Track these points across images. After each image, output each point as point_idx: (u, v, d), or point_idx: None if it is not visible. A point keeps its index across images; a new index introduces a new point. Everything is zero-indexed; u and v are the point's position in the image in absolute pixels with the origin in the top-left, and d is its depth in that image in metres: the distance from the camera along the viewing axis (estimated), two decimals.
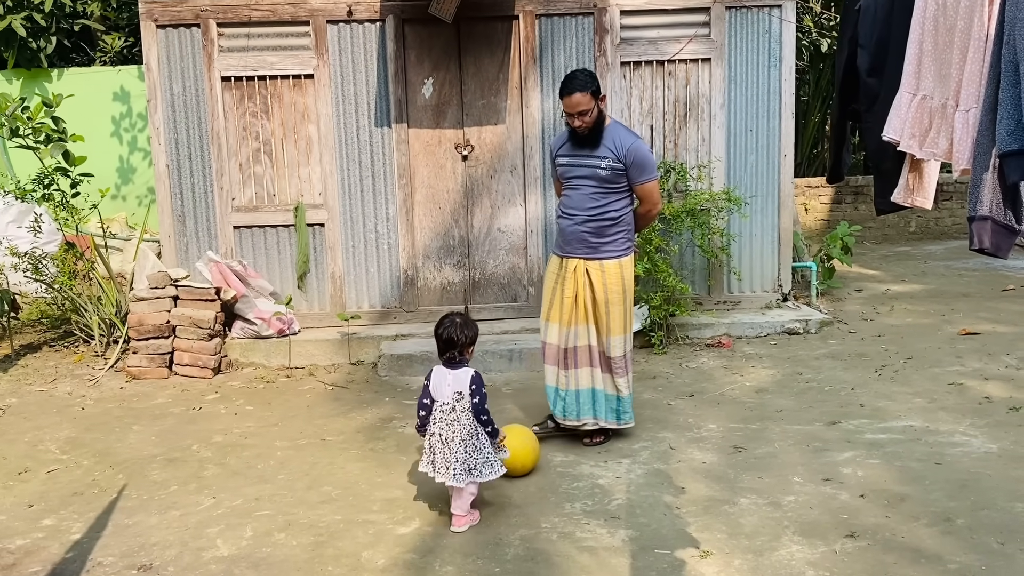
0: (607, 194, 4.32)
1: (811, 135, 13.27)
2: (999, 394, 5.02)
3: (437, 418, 3.61)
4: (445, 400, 3.60)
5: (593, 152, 4.31)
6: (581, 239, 4.35)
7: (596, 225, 4.33)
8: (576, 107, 4.20)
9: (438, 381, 3.66)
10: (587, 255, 4.36)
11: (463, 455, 3.53)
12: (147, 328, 6.02)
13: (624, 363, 4.42)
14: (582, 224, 4.33)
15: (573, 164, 4.38)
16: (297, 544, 3.48)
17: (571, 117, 4.26)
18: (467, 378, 3.60)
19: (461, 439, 3.54)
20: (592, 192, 4.32)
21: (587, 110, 4.21)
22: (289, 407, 5.34)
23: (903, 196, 2.92)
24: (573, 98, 4.20)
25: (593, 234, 4.33)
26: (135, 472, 4.31)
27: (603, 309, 4.36)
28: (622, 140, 4.29)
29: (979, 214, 2.28)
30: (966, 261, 9.86)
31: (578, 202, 4.35)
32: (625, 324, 4.40)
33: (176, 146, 6.60)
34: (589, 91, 4.20)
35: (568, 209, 4.40)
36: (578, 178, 4.36)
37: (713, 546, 3.33)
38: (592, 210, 4.32)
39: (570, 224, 4.37)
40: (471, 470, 3.54)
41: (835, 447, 4.32)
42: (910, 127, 2.64)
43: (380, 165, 6.69)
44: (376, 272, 6.80)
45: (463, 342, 3.65)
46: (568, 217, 4.39)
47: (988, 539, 3.28)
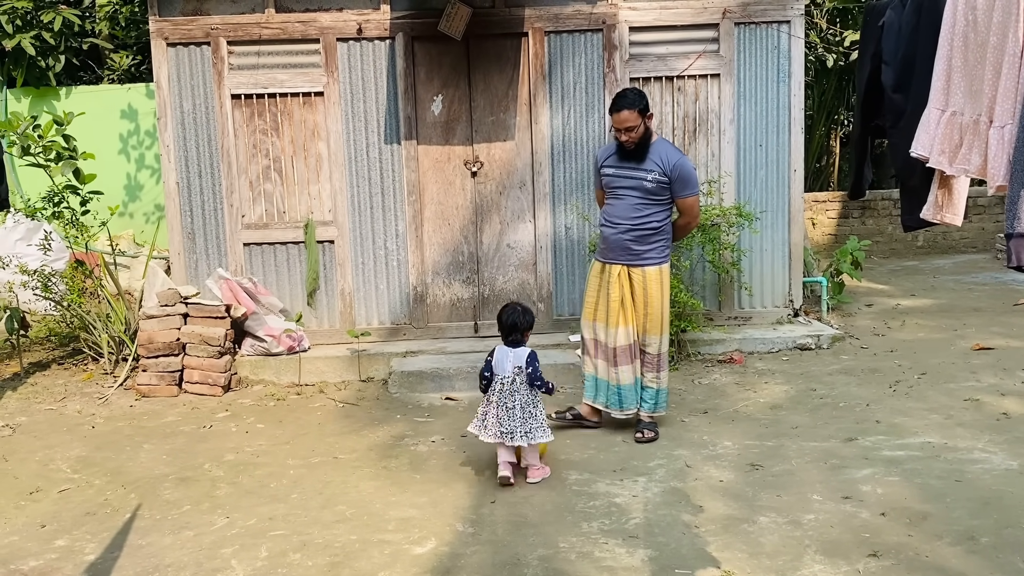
0: (650, 205, 4.64)
1: (816, 149, 13.28)
2: (1017, 410, 4.98)
3: (497, 389, 4.26)
4: (506, 375, 4.26)
5: (640, 165, 4.63)
6: (624, 247, 4.68)
7: (638, 234, 4.65)
8: (624, 123, 4.54)
9: (500, 358, 4.32)
10: (629, 261, 4.70)
11: (522, 420, 4.19)
12: (157, 346, 6.00)
13: (661, 360, 4.79)
14: (625, 232, 4.66)
15: (620, 175, 4.69)
16: (313, 565, 3.44)
17: (619, 132, 4.60)
18: (525, 355, 4.29)
19: (521, 407, 4.21)
20: (636, 203, 4.64)
21: (634, 126, 4.55)
22: (300, 425, 5.31)
23: (932, 213, 2.90)
24: (622, 115, 4.53)
25: (635, 242, 4.66)
26: (147, 491, 4.28)
27: (643, 311, 4.71)
28: (668, 156, 4.63)
29: (1017, 231, 2.26)
30: (975, 275, 9.84)
31: (622, 211, 4.67)
32: (662, 325, 4.77)
33: (186, 163, 6.60)
34: (637, 109, 4.53)
35: (612, 218, 4.71)
36: (624, 188, 4.67)
37: (734, 566, 3.29)
38: (635, 219, 4.64)
39: (614, 232, 4.69)
40: (528, 433, 4.18)
41: (853, 464, 4.28)
42: (939, 143, 2.62)
43: (390, 182, 6.69)
44: (386, 289, 6.78)
45: (523, 326, 4.36)
46: (612, 226, 4.70)
47: (1014, 558, 3.24)
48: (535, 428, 4.21)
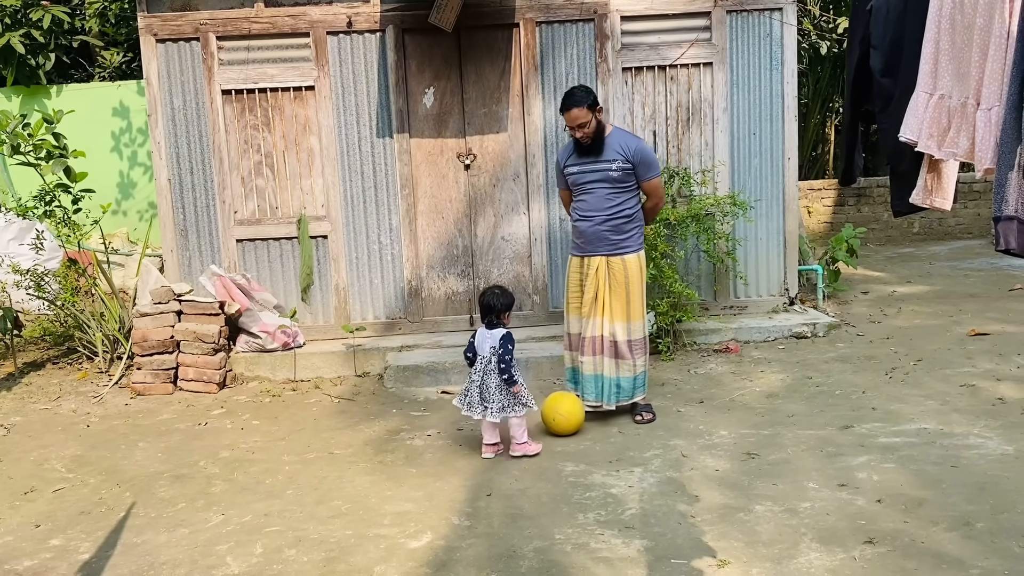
0: (620, 193, 4.79)
1: (811, 137, 13.26)
2: (1013, 395, 4.97)
3: (479, 369, 4.47)
4: (484, 354, 4.46)
5: (601, 157, 4.78)
6: (602, 238, 4.81)
7: (615, 223, 4.79)
8: (576, 120, 4.69)
9: (480, 339, 4.53)
10: (609, 252, 4.82)
11: (499, 397, 4.41)
12: (151, 344, 5.98)
13: (645, 344, 4.93)
14: (602, 224, 4.79)
15: (584, 171, 4.83)
16: (308, 560, 3.43)
17: (573, 130, 4.74)
18: (498, 336, 4.45)
19: (497, 385, 4.42)
20: (607, 193, 4.78)
21: (586, 122, 4.68)
22: (296, 421, 5.30)
23: (922, 197, 2.88)
24: (572, 113, 4.68)
25: (613, 231, 4.80)
26: (142, 490, 4.27)
27: (624, 299, 4.82)
28: (627, 143, 4.80)
29: (1005, 214, 2.24)
30: (971, 261, 9.83)
31: (595, 204, 4.80)
32: (643, 310, 4.90)
33: (177, 160, 6.57)
34: (585, 105, 4.66)
35: (586, 212, 4.84)
36: (592, 182, 4.81)
37: (730, 555, 3.29)
38: (609, 210, 4.78)
39: (590, 225, 4.81)
40: (505, 408, 4.40)
41: (849, 452, 4.28)
42: (928, 127, 2.60)
43: (382, 176, 6.66)
44: (380, 283, 6.76)
45: (498, 308, 4.51)
46: (588, 219, 4.83)
47: (1010, 543, 3.24)
48: (512, 404, 4.42)
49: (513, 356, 4.46)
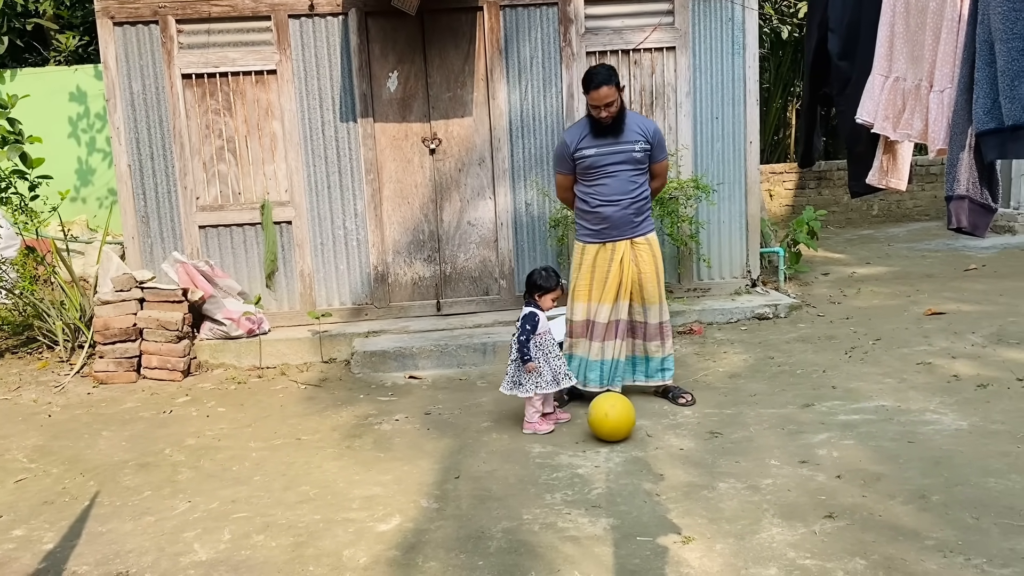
0: (640, 175, 4.71)
1: (773, 122, 13.40)
2: (967, 372, 5.11)
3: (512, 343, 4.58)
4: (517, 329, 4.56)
5: (622, 138, 4.63)
6: (628, 221, 4.70)
7: (639, 206, 4.72)
8: (604, 99, 4.52)
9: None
10: (632, 234, 4.74)
11: (512, 372, 4.53)
12: (113, 332, 5.91)
13: (667, 327, 4.91)
14: (628, 207, 4.68)
15: (605, 152, 4.65)
16: (276, 545, 3.43)
17: (597, 109, 4.57)
18: (522, 314, 4.56)
19: (512, 359, 4.55)
20: (631, 175, 4.67)
21: (613, 101, 4.54)
22: (262, 408, 5.27)
23: (878, 178, 2.94)
24: (601, 92, 4.50)
25: (636, 214, 4.72)
26: (107, 479, 4.23)
27: (651, 280, 4.78)
28: (645, 124, 4.72)
29: (956, 193, 2.31)
30: (928, 243, 10.04)
31: (619, 188, 4.66)
32: (663, 291, 4.90)
33: (137, 146, 6.47)
34: (613, 84, 4.52)
35: (609, 196, 4.68)
36: (614, 164, 4.65)
37: (695, 531, 3.35)
38: (633, 192, 4.68)
39: (616, 210, 4.68)
40: (517, 385, 4.50)
41: (810, 429, 4.36)
42: (883, 109, 2.66)
43: (347, 160, 6.62)
44: (346, 269, 6.74)
45: (533, 286, 4.57)
46: (613, 203, 4.68)
47: (963, 515, 3.33)
48: (525, 382, 4.50)
49: (528, 333, 4.50)
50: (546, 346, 4.59)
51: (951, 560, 2.99)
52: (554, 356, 4.60)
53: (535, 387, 4.50)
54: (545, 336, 4.60)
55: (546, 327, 4.62)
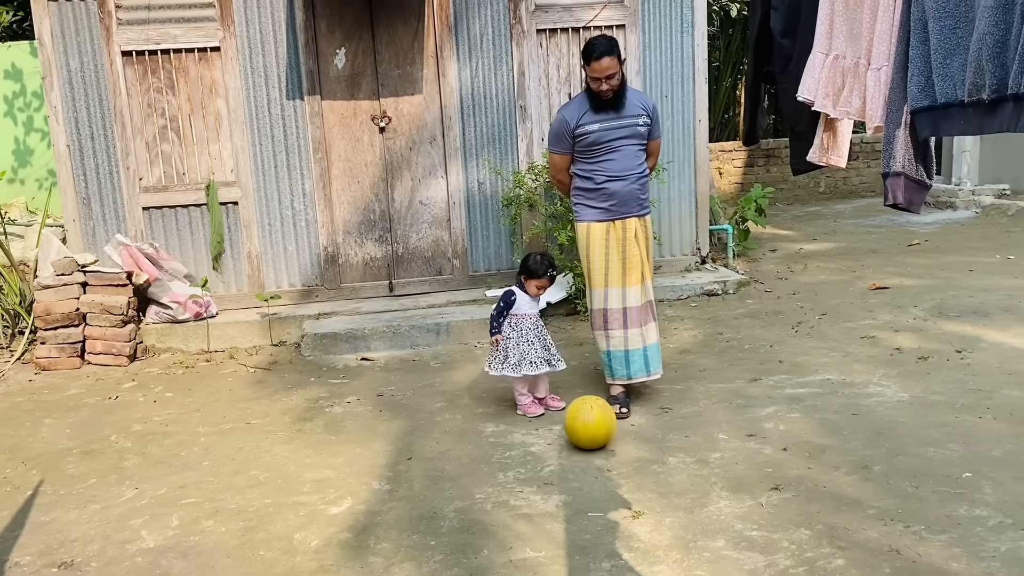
0: (643, 149, 4.51)
1: (723, 100, 13.51)
2: (909, 345, 5.23)
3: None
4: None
5: (625, 112, 4.40)
6: (635, 197, 4.48)
7: (644, 181, 4.52)
8: (606, 71, 4.26)
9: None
10: (638, 211, 4.51)
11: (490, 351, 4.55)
12: (55, 317, 5.76)
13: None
14: (635, 182, 4.46)
15: (610, 127, 4.38)
16: (226, 530, 3.39)
17: (598, 82, 4.29)
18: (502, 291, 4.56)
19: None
20: (636, 150, 4.45)
21: (615, 73, 4.28)
22: (211, 392, 5.20)
23: (818, 155, 2.99)
24: (602, 63, 4.24)
25: (641, 190, 4.51)
26: (50, 467, 4.13)
27: (648, 259, 4.58)
28: (643, 99, 4.51)
29: (892, 170, 2.35)
30: (874, 218, 10.25)
31: (625, 163, 4.43)
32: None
33: (76, 125, 6.29)
34: (615, 55, 4.27)
35: (617, 172, 4.43)
36: (620, 139, 4.40)
37: (645, 506, 3.39)
38: (638, 167, 4.48)
39: (625, 185, 4.43)
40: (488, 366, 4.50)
41: (757, 403, 4.44)
42: (824, 87, 2.69)
43: (294, 139, 6.52)
44: (295, 250, 6.65)
45: (524, 268, 4.48)
46: (621, 179, 4.43)
47: (903, 484, 3.43)
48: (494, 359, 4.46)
49: (501, 309, 4.44)
50: (522, 328, 4.45)
51: (891, 528, 3.08)
52: (527, 341, 4.43)
53: (499, 365, 4.39)
54: (524, 319, 4.46)
55: (528, 310, 4.48)
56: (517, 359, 4.39)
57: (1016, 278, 6.73)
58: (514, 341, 4.42)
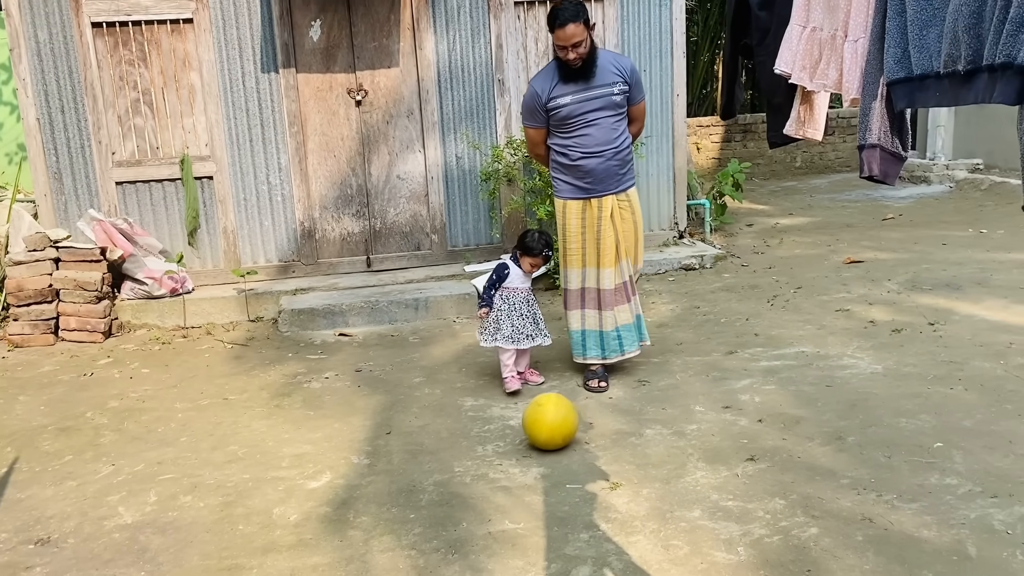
0: (621, 120, 4.28)
1: (701, 75, 13.49)
2: (882, 317, 5.30)
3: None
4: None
5: (598, 82, 4.16)
6: (612, 174, 4.28)
7: (623, 155, 4.31)
8: (571, 39, 4.02)
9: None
10: (616, 188, 4.32)
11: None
12: (27, 293, 5.69)
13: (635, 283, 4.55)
14: (612, 158, 4.25)
15: (582, 99, 4.16)
16: (205, 506, 3.39)
17: (564, 51, 4.07)
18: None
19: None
20: (612, 123, 4.22)
21: (581, 40, 4.05)
22: (187, 368, 5.17)
23: (795, 129, 3.00)
24: (567, 30, 4.00)
25: (620, 165, 4.31)
26: (25, 444, 4.10)
27: (633, 236, 4.43)
28: (621, 62, 4.26)
29: (868, 142, 2.37)
30: (849, 193, 10.32)
31: (602, 137, 4.21)
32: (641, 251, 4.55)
33: (47, 98, 6.17)
34: (581, 21, 4.03)
35: (593, 148, 4.21)
36: (594, 111, 4.17)
37: (622, 477, 3.42)
38: (617, 140, 4.25)
39: (601, 161, 4.23)
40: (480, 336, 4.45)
41: (733, 376, 4.48)
42: (801, 59, 2.70)
43: (269, 113, 6.44)
44: (271, 225, 6.59)
45: (521, 244, 4.39)
46: (597, 155, 4.22)
47: (876, 454, 3.48)
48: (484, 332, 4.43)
49: (494, 282, 4.39)
50: (514, 301, 4.40)
51: (864, 497, 3.13)
52: (519, 315, 4.39)
53: (490, 337, 4.37)
54: (516, 293, 4.41)
55: (520, 284, 4.43)
56: (510, 331, 4.37)
57: (988, 251, 6.82)
58: (505, 313, 4.39)
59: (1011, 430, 3.60)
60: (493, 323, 4.40)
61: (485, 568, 2.82)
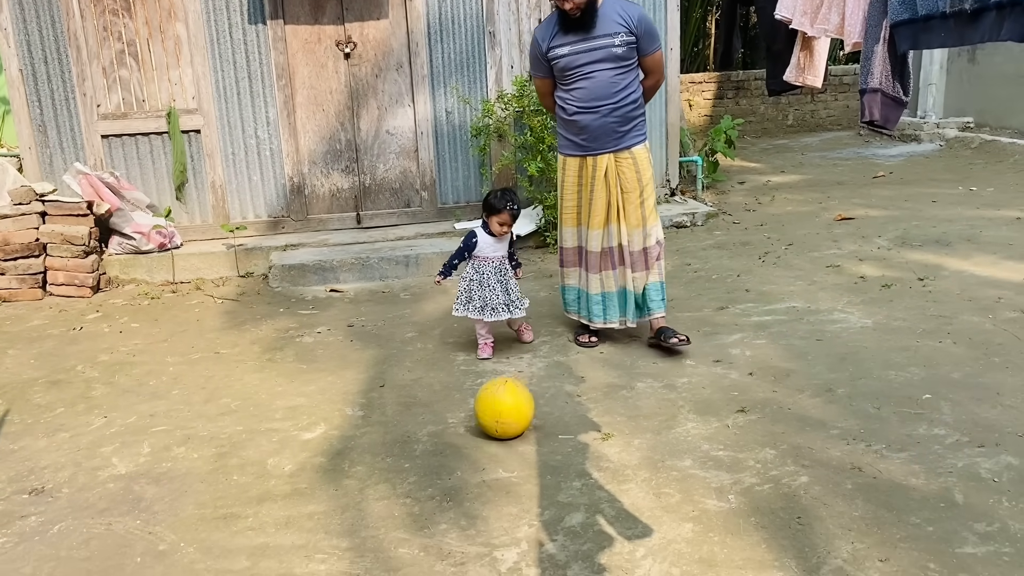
0: (626, 74, 4.02)
1: (693, 31, 13.35)
2: (872, 273, 5.32)
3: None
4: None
5: (598, 32, 3.94)
6: (609, 131, 4.05)
7: (623, 111, 4.04)
8: None
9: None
10: (615, 146, 4.09)
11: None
12: (14, 247, 5.63)
13: (662, 247, 4.30)
14: (609, 115, 4.02)
15: (581, 51, 3.97)
16: (199, 457, 3.40)
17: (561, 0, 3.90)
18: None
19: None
20: (613, 76, 3.98)
21: None
22: (178, 323, 5.15)
23: (795, 75, 2.97)
24: None
25: (621, 122, 4.05)
26: (16, 396, 4.09)
27: (638, 198, 4.15)
28: (627, 11, 3.98)
29: (870, 87, 2.35)
30: (840, 151, 10.30)
31: (599, 91, 4.00)
32: (655, 209, 4.26)
33: (29, 48, 6.05)
34: None
35: (589, 103, 4.03)
36: (591, 63, 3.97)
37: (614, 428, 3.45)
38: (616, 96, 4.01)
39: (596, 118, 4.03)
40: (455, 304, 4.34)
41: (724, 331, 4.50)
42: (801, 5, 2.67)
43: (256, 65, 6.34)
44: (260, 180, 6.53)
45: (485, 205, 4.21)
46: (591, 111, 4.03)
47: (865, 405, 3.52)
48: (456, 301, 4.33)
49: (461, 252, 4.29)
50: (484, 271, 4.25)
51: (853, 447, 3.17)
52: (489, 286, 4.23)
53: (461, 307, 4.25)
54: (486, 263, 4.25)
55: (491, 253, 4.26)
56: (480, 303, 4.23)
57: (978, 209, 6.84)
58: (477, 283, 4.25)
59: (999, 382, 3.65)
60: (465, 293, 4.27)
61: (480, 515, 2.85)
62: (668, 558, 2.55)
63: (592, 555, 2.59)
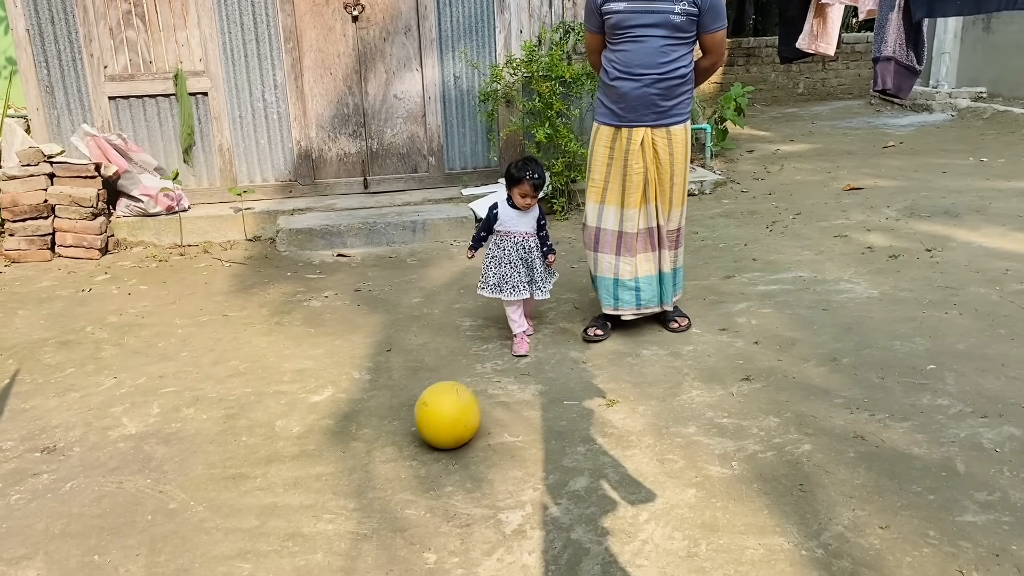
0: (678, 46, 3.72)
1: None
2: (880, 243, 5.31)
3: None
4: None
5: None
6: (649, 103, 3.76)
7: (667, 85, 3.73)
8: None
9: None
10: (654, 121, 3.80)
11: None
12: (23, 208, 5.64)
13: (681, 234, 4.09)
14: (652, 85, 3.72)
15: (637, 11, 3.65)
16: (208, 418, 3.44)
17: None
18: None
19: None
20: (663, 45, 3.68)
21: None
22: (186, 285, 5.17)
23: (808, 42, 2.94)
24: None
25: (663, 96, 3.75)
26: (26, 357, 4.13)
27: (668, 181, 3.89)
28: None
29: (883, 55, 2.33)
30: (850, 120, 10.22)
31: (645, 58, 3.69)
32: (685, 194, 4.00)
33: (36, 8, 6.01)
34: None
35: (631, 68, 3.73)
36: (643, 27, 3.66)
37: (619, 395, 3.47)
38: (663, 66, 3.71)
39: (637, 86, 3.73)
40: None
41: (730, 299, 4.51)
42: None
43: (264, 27, 6.29)
44: (267, 144, 6.51)
45: (507, 176, 3.94)
46: (633, 78, 3.73)
47: (870, 375, 3.54)
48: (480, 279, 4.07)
49: (485, 224, 4.03)
50: (505, 247, 3.97)
51: (857, 416, 3.19)
52: (510, 263, 3.95)
53: (482, 284, 4.00)
54: (507, 238, 3.97)
55: (513, 227, 3.97)
56: (495, 280, 3.96)
57: (988, 180, 6.80)
58: (496, 261, 3.98)
59: (1004, 353, 3.65)
60: (484, 269, 4.02)
61: (485, 478, 2.88)
62: (671, 522, 2.58)
63: (595, 518, 2.62)
